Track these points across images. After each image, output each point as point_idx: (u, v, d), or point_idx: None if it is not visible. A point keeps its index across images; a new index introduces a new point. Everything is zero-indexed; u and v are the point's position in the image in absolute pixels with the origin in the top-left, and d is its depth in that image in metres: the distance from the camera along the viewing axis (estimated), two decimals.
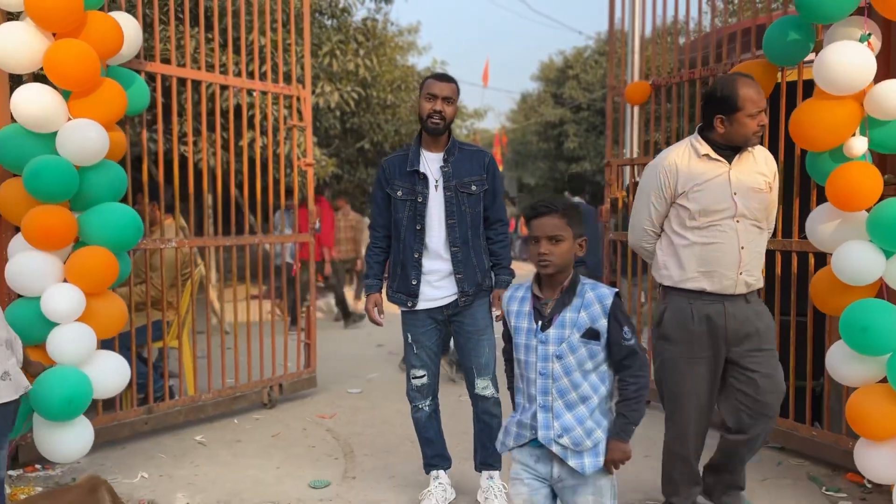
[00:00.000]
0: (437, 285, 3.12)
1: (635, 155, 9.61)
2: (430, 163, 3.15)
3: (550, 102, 24.10)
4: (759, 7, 4.55)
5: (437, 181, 3.12)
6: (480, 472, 3.26)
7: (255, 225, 5.53)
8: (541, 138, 24.92)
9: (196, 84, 4.41)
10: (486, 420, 3.22)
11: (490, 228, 3.22)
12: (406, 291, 3.15)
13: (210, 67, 4.89)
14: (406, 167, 3.15)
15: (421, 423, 3.27)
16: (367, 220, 8.57)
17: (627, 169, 5.64)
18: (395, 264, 3.21)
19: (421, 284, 3.12)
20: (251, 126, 4.69)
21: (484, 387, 3.18)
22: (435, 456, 3.28)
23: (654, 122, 4.83)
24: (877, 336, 2.88)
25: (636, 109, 7.58)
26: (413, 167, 3.14)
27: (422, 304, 3.15)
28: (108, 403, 3.99)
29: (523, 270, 18.58)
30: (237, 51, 5.49)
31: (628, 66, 10.58)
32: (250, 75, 4.73)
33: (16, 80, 3.61)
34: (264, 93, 4.80)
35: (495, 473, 3.24)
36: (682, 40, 5.02)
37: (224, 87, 5.10)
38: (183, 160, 4.80)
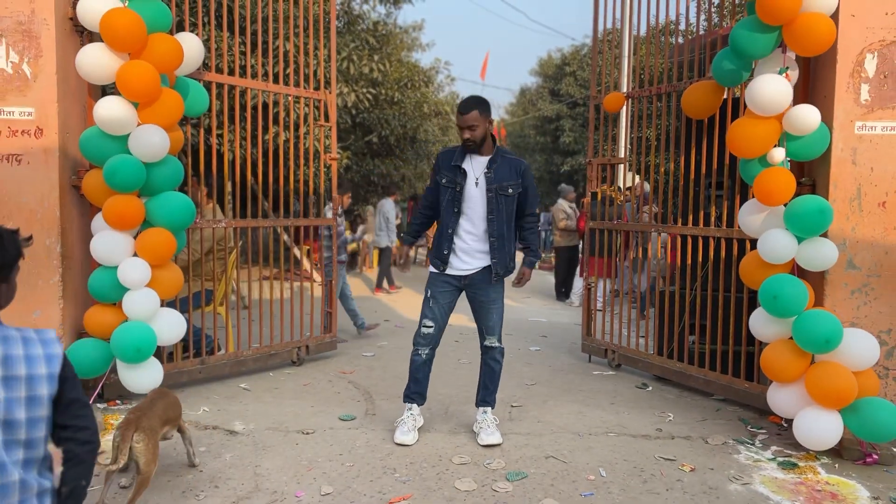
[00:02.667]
0: (464, 259, 4.00)
1: (622, 152, 10.48)
2: (475, 163, 3.99)
3: (548, 98, 24.87)
4: (738, 17, 5.33)
5: (477, 179, 3.96)
6: (478, 407, 4.12)
7: (267, 210, 6.35)
8: (538, 132, 25.68)
9: (243, 91, 5.23)
10: (490, 365, 4.08)
11: (523, 219, 4.09)
12: (439, 258, 4.03)
13: (254, 76, 5.71)
14: (451, 162, 4.01)
15: (416, 364, 4.10)
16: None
17: (621, 167, 6.45)
18: (436, 236, 4.09)
19: (450, 255, 4.00)
20: (281, 125, 5.49)
21: (491, 341, 4.06)
22: (416, 392, 4.11)
23: (637, 124, 5.66)
24: (784, 303, 3.75)
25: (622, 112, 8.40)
26: (456, 163, 3.99)
27: (448, 270, 4.02)
28: (170, 356, 4.87)
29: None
30: (274, 61, 6.32)
31: (623, 65, 11.42)
32: (286, 82, 5.56)
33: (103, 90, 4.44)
34: (297, 97, 5.63)
35: (489, 409, 4.10)
36: (673, 40, 5.76)
37: (265, 92, 5.92)
38: (215, 152, 5.64)
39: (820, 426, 3.65)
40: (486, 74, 23.60)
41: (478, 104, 3.88)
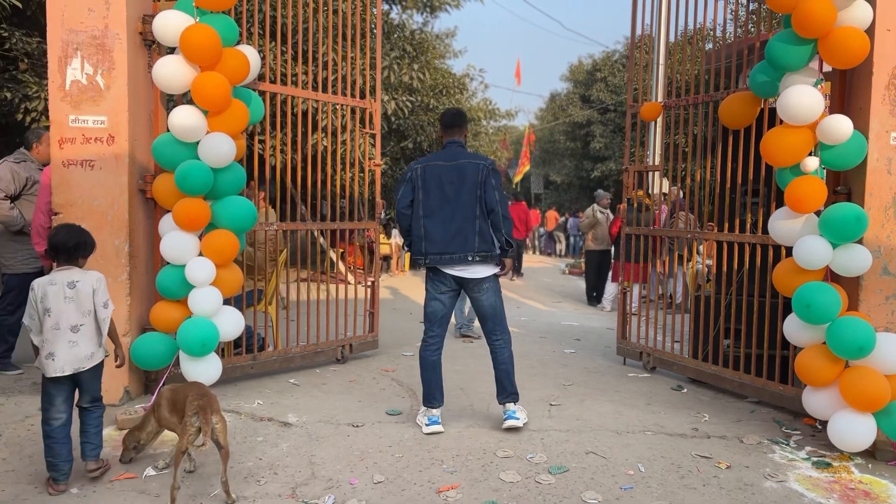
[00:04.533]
0: None
1: (657, 158, 10.59)
2: None
3: (578, 103, 24.94)
4: (774, 23, 5.42)
5: None
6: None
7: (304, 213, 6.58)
8: (568, 137, 25.74)
9: (292, 98, 5.48)
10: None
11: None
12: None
13: (304, 85, 5.96)
14: None
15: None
16: None
17: (651, 174, 6.60)
18: None
19: None
20: (329, 132, 5.74)
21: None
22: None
23: (664, 132, 5.81)
24: (818, 310, 3.87)
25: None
26: None
27: None
28: (223, 352, 5.13)
29: (545, 264, 19.51)
30: (322, 71, 6.59)
31: (653, 72, 11.54)
32: (333, 91, 5.80)
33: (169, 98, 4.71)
34: (343, 105, 5.87)
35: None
36: (708, 46, 5.88)
37: (314, 101, 6.18)
38: (268, 158, 5.89)
39: (854, 428, 3.76)
40: (520, 79, 23.77)
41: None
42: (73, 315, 3.28)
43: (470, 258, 4.12)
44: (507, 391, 4.26)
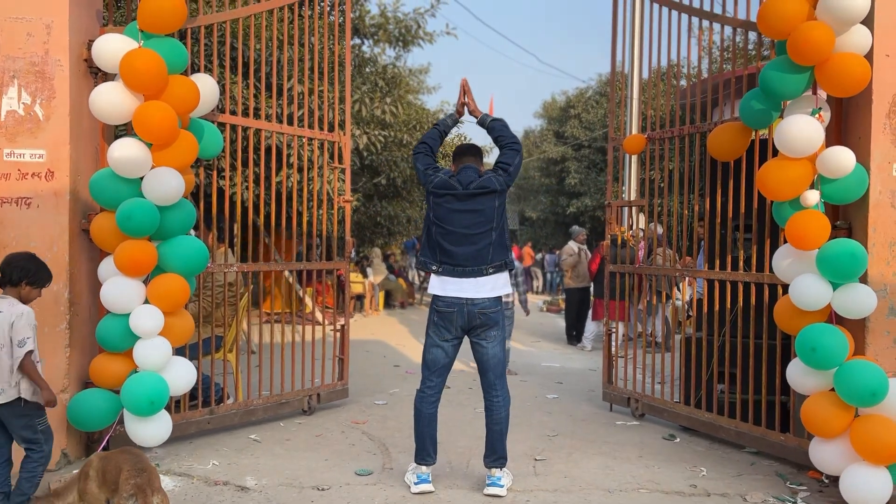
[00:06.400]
0: None
1: (633, 194, 10.40)
2: None
3: (552, 140, 24.97)
4: (751, 56, 5.26)
5: None
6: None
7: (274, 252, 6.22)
8: (543, 174, 25.72)
9: (257, 131, 5.14)
10: None
11: None
12: None
13: (268, 118, 5.63)
14: None
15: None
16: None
17: (629, 210, 6.35)
18: None
19: None
20: (295, 166, 5.39)
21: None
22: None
23: (649, 165, 5.54)
24: (824, 354, 3.57)
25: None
26: None
27: None
28: (177, 405, 4.67)
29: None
30: (288, 103, 6.26)
31: (627, 108, 11.44)
32: (300, 123, 5.47)
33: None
34: (311, 139, 5.54)
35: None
36: (682, 83, 5.72)
37: (280, 134, 5.84)
38: (228, 195, 5.50)
39: (869, 484, 3.45)
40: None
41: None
42: None
43: (485, 271, 3.87)
44: (496, 454, 3.86)
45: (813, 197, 3.75)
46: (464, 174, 3.93)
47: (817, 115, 3.74)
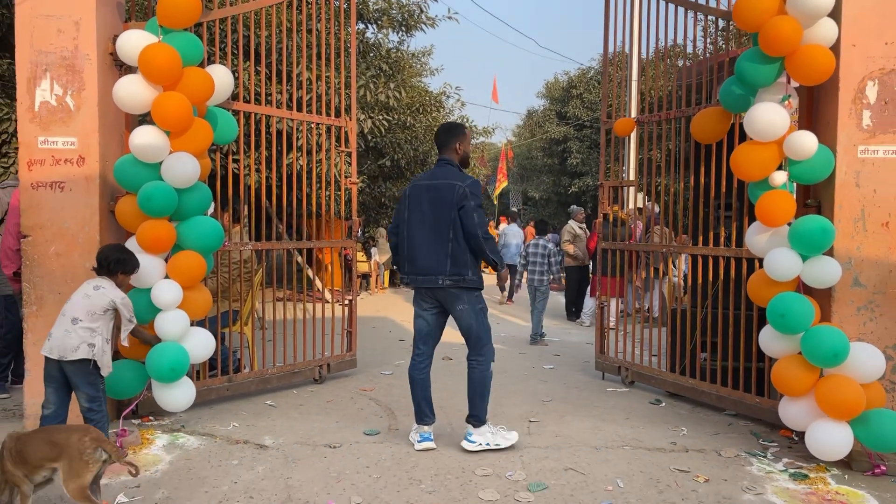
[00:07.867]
0: None
1: (632, 174, 10.69)
2: None
3: (555, 120, 25.16)
4: (744, 40, 5.49)
5: None
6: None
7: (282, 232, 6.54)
8: (545, 154, 25.94)
9: (268, 118, 5.46)
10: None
11: None
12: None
13: (280, 104, 5.94)
14: None
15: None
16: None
17: (626, 189, 6.67)
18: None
19: None
20: (304, 150, 5.72)
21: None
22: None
23: (647, 146, 5.86)
24: (793, 320, 3.91)
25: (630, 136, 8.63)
26: None
27: None
28: (198, 374, 5.05)
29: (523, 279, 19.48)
30: (297, 90, 6.57)
31: (627, 89, 11.67)
32: (308, 109, 5.78)
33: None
34: (319, 124, 5.86)
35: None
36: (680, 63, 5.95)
37: (290, 120, 6.16)
38: (242, 178, 5.85)
39: (831, 437, 3.79)
40: (497, 97, 23.92)
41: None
42: (81, 310, 3.59)
43: (440, 282, 4.10)
44: (469, 413, 4.24)
45: (780, 177, 4.06)
46: (436, 168, 4.27)
47: (786, 102, 4.05)
